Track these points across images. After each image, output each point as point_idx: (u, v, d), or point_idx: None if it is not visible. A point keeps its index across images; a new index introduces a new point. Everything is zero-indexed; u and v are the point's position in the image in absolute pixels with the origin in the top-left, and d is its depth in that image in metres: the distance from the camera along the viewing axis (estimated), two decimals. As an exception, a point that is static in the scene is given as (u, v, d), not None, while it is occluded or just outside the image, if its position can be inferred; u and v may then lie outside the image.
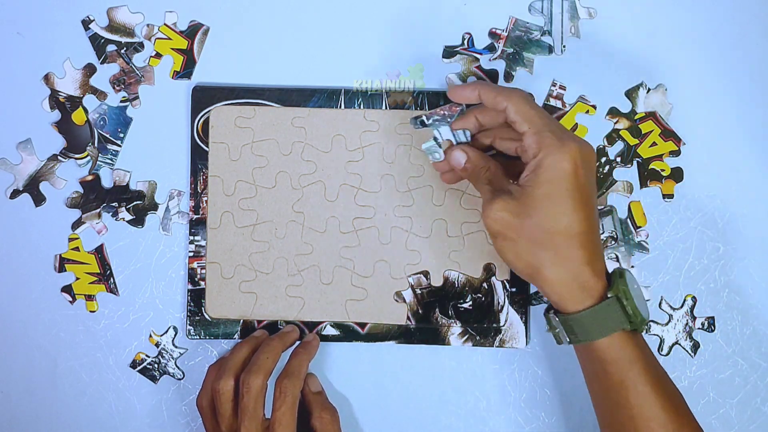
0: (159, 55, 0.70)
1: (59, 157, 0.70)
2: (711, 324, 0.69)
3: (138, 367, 0.70)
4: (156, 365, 0.70)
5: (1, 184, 0.70)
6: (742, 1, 0.69)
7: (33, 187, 0.70)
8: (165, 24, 0.70)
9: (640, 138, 0.69)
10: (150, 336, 0.70)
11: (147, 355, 0.70)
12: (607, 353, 0.56)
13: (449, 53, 0.69)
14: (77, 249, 0.70)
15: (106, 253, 0.70)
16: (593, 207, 0.56)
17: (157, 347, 0.70)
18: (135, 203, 0.70)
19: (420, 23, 0.69)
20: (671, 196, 0.69)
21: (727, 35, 0.69)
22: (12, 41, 0.70)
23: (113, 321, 0.70)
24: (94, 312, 0.70)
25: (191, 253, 0.69)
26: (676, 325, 0.69)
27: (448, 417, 0.70)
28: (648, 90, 0.69)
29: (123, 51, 0.70)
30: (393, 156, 0.68)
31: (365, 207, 0.68)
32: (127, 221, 0.70)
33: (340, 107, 0.69)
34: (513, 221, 0.56)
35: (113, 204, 0.70)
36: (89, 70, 0.70)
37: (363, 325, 0.69)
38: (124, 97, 0.70)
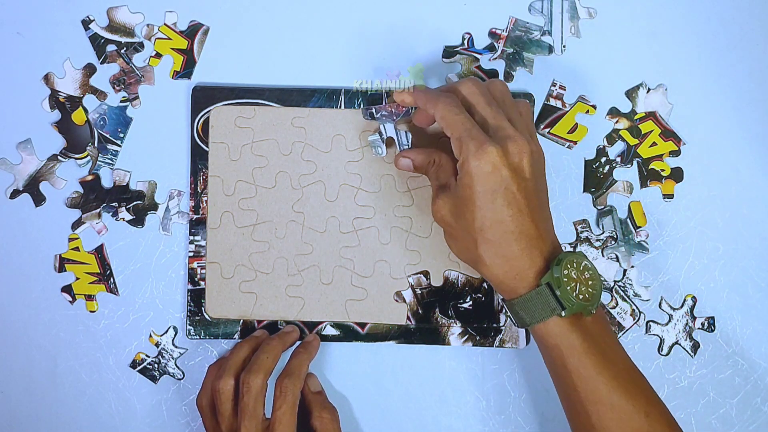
0: (159, 55, 0.70)
1: (59, 157, 0.70)
2: (711, 324, 0.69)
3: (138, 367, 0.70)
4: (156, 365, 0.70)
5: (1, 184, 0.70)
6: (742, 1, 0.69)
7: (33, 187, 0.70)
8: (165, 24, 0.70)
9: (640, 138, 0.69)
10: (150, 336, 0.70)
11: (147, 355, 0.70)
12: (546, 339, 0.58)
13: (449, 53, 0.69)
14: (77, 249, 0.70)
15: (106, 253, 0.70)
16: (525, 203, 0.57)
17: (157, 347, 0.70)
18: (135, 203, 0.70)
19: (420, 23, 0.69)
20: (671, 196, 0.69)
21: (727, 35, 0.69)
22: (12, 41, 0.70)
23: (113, 321, 0.70)
24: (94, 312, 0.70)
25: (191, 253, 0.69)
26: (676, 325, 0.69)
27: (448, 417, 0.70)
28: (648, 90, 0.69)
29: (123, 51, 0.70)
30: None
31: (365, 207, 0.68)
32: (127, 221, 0.70)
33: (340, 107, 0.69)
34: (451, 218, 0.59)
35: (113, 204, 0.70)
36: (89, 70, 0.70)
37: (363, 325, 0.69)
38: (124, 97, 0.70)
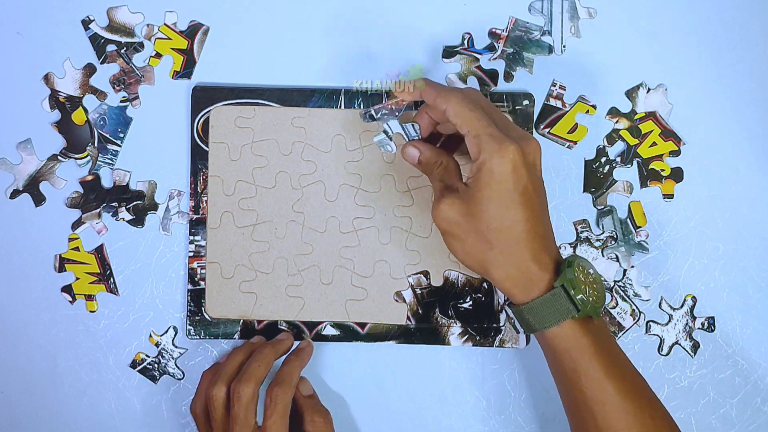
0: (159, 55, 0.70)
1: (59, 157, 0.70)
2: (711, 324, 0.69)
3: (138, 367, 0.70)
4: (156, 365, 0.70)
5: (1, 184, 0.70)
6: (742, 1, 0.69)
7: (33, 187, 0.70)
8: (165, 24, 0.70)
9: (640, 138, 0.69)
10: (150, 336, 0.70)
11: (147, 355, 0.70)
12: (558, 342, 0.57)
13: (449, 53, 0.69)
14: (77, 249, 0.70)
15: (106, 253, 0.70)
16: (538, 204, 0.57)
17: (157, 347, 0.70)
18: (135, 203, 0.70)
19: (420, 23, 0.69)
20: (671, 196, 0.69)
21: (727, 35, 0.69)
22: (12, 41, 0.70)
23: (113, 321, 0.70)
24: (94, 312, 0.70)
25: (191, 253, 0.69)
26: (676, 325, 0.69)
27: (448, 417, 0.70)
28: (648, 90, 0.69)
29: (123, 51, 0.70)
30: (393, 156, 0.68)
31: (365, 207, 0.68)
32: (127, 221, 0.70)
33: (340, 107, 0.69)
34: (460, 220, 0.58)
35: (113, 204, 0.70)
36: (89, 70, 0.70)
37: (363, 325, 0.69)
38: (124, 97, 0.70)
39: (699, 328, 0.69)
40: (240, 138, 0.68)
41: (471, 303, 0.68)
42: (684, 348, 0.69)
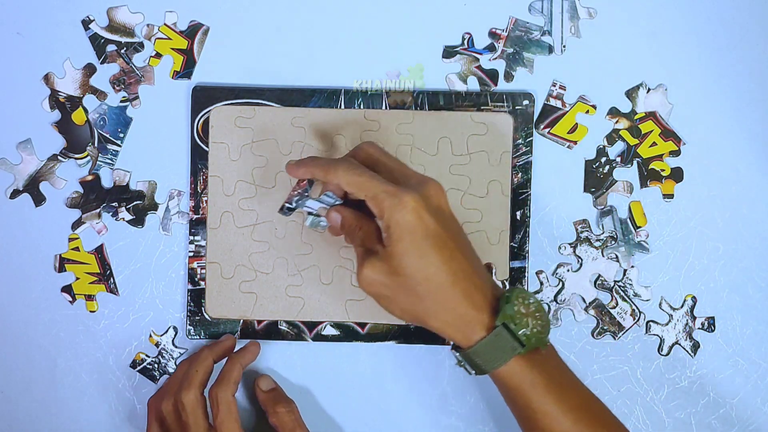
0: (159, 55, 0.70)
1: (59, 157, 0.70)
2: (711, 324, 0.69)
3: (138, 367, 0.70)
4: (156, 365, 0.70)
5: (1, 184, 0.70)
6: (742, 1, 0.69)
7: (33, 187, 0.70)
8: (165, 24, 0.70)
9: (640, 138, 0.69)
10: (150, 336, 0.70)
11: (147, 355, 0.70)
12: (509, 380, 0.57)
13: (449, 53, 0.69)
14: (77, 249, 0.70)
15: (106, 253, 0.70)
16: (455, 245, 0.57)
17: (157, 347, 0.70)
18: (135, 203, 0.70)
19: (420, 23, 0.69)
20: (671, 196, 0.69)
21: (727, 35, 0.69)
22: (12, 41, 0.70)
23: (113, 321, 0.70)
24: (94, 312, 0.70)
25: (191, 253, 0.69)
26: (676, 325, 0.69)
27: (448, 417, 0.70)
28: (648, 90, 0.69)
29: (123, 51, 0.70)
30: (393, 156, 0.68)
31: (365, 207, 0.68)
32: (127, 221, 0.70)
33: (340, 107, 0.69)
34: (385, 281, 0.57)
35: (113, 204, 0.70)
36: (89, 70, 0.70)
37: (363, 325, 0.69)
38: (124, 97, 0.70)
39: (699, 328, 0.69)
40: (240, 138, 0.68)
41: (471, 303, 0.68)
42: (684, 348, 0.69)
